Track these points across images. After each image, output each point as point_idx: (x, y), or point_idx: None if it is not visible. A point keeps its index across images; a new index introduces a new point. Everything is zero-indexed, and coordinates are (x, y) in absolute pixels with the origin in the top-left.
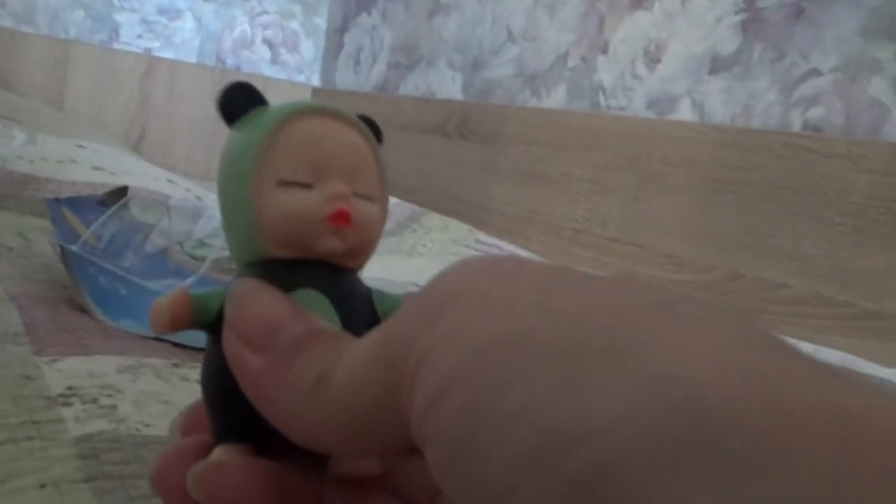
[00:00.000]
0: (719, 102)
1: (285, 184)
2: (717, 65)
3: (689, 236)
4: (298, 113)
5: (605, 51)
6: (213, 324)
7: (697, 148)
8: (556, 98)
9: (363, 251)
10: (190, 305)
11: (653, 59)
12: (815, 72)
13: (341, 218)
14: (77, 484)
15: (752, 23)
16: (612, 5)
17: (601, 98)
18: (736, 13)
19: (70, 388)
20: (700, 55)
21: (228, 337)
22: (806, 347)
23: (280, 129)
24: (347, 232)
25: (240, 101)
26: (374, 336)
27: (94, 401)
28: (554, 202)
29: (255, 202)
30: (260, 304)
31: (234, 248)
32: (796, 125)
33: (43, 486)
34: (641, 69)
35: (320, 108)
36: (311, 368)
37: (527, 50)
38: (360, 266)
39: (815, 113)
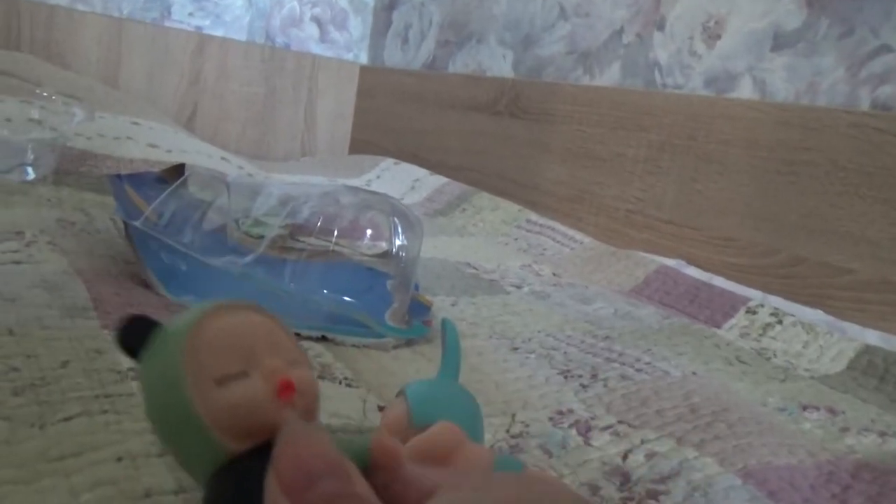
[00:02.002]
0: (782, 80)
1: (222, 380)
2: (779, 41)
3: (749, 219)
4: (202, 318)
5: (661, 27)
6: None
7: (758, 127)
8: (609, 76)
9: (312, 411)
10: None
11: (712, 36)
12: (886, 48)
13: (288, 389)
14: (151, 458)
15: None
16: None
17: (657, 76)
18: None
19: None
20: (762, 31)
21: (270, 479)
22: (872, 336)
23: (194, 336)
24: (296, 399)
25: (137, 334)
26: None
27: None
28: (607, 182)
29: (201, 411)
30: (304, 451)
31: (195, 462)
32: (864, 104)
33: (119, 459)
34: (699, 46)
35: (219, 305)
36: None
37: (579, 27)
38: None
39: (885, 91)
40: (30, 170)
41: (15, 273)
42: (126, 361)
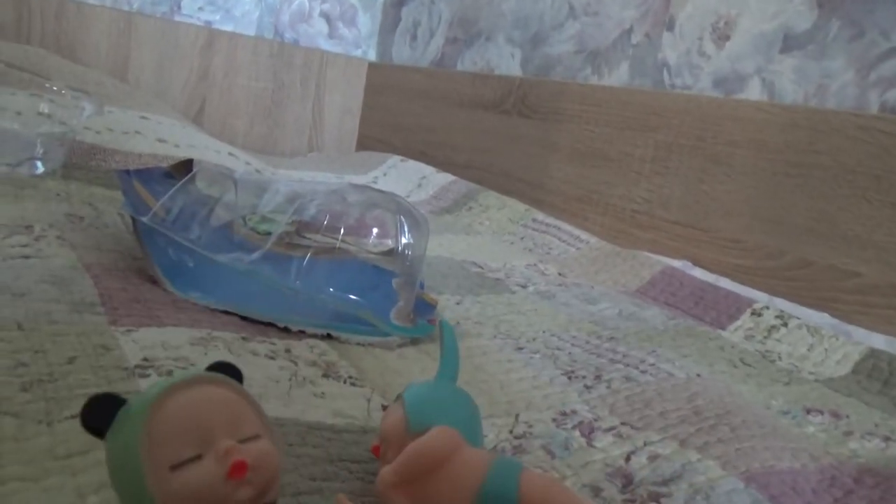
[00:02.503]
0: (791, 82)
1: (177, 466)
2: (789, 43)
3: (756, 221)
4: (160, 399)
5: (670, 27)
6: None
7: (766, 129)
8: (618, 76)
9: (272, 485)
10: None
11: (721, 37)
12: None
13: (239, 470)
14: None
15: None
16: None
17: (665, 76)
18: None
19: (146, 359)
20: (771, 32)
21: None
22: (878, 340)
23: (150, 421)
24: (251, 476)
25: (102, 413)
26: None
27: (170, 373)
28: (614, 182)
29: (157, 497)
30: None
31: None
32: (873, 107)
33: None
34: (709, 47)
35: (176, 384)
36: None
37: (588, 26)
38: (275, 497)
39: (894, 95)
40: (39, 164)
41: (24, 267)
42: (133, 359)
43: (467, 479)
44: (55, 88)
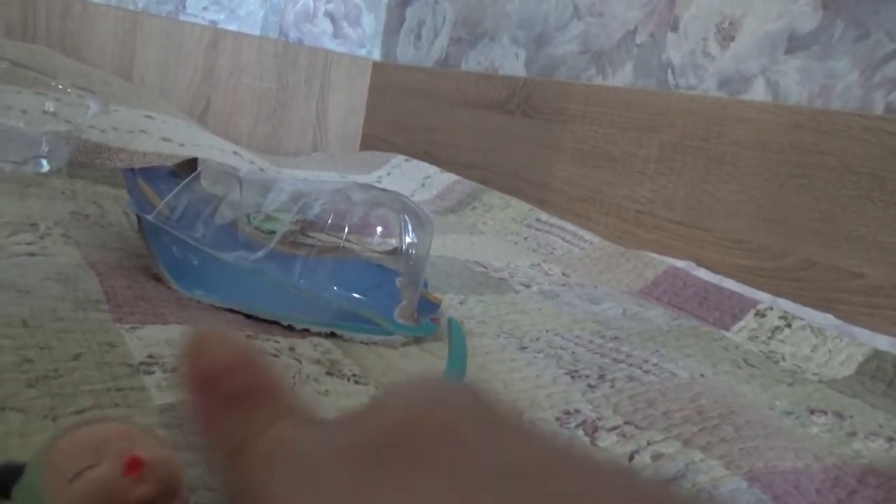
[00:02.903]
0: (795, 83)
1: (75, 476)
2: (794, 43)
3: (760, 221)
4: (56, 439)
5: (675, 28)
6: None
7: (771, 129)
8: (622, 76)
9: (171, 488)
10: None
11: (726, 37)
12: None
13: (135, 466)
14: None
15: (832, 0)
16: None
17: (670, 76)
18: None
19: (151, 356)
20: (776, 33)
21: (181, 380)
22: (882, 341)
23: (48, 454)
24: (149, 474)
25: (7, 478)
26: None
27: (175, 370)
28: (618, 182)
29: None
30: (211, 348)
31: None
32: (878, 108)
33: None
34: (713, 47)
35: (71, 426)
36: (228, 438)
37: (592, 26)
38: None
39: None
40: (44, 162)
41: (29, 265)
42: (138, 356)
43: None
44: (61, 87)
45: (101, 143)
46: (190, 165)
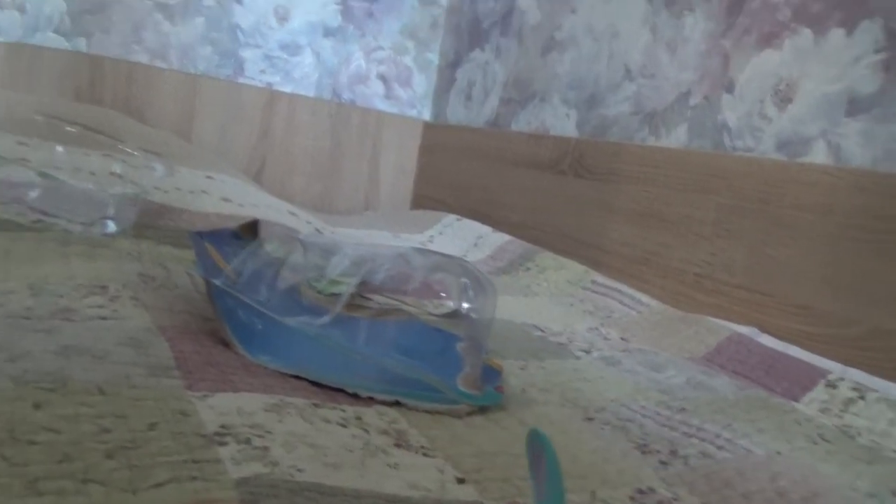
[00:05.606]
0: (858, 146)
1: None
2: (854, 106)
3: (825, 287)
4: None
5: (729, 89)
6: None
7: (834, 193)
8: (675, 137)
9: None
10: None
11: (783, 99)
12: None
13: None
14: None
15: (894, 62)
16: (738, 44)
17: (726, 138)
18: (876, 52)
19: (223, 426)
20: (836, 95)
21: None
22: None
23: None
24: None
25: None
26: None
27: (248, 441)
28: (674, 244)
29: None
30: None
31: None
32: None
33: None
34: (770, 109)
35: None
36: None
37: (645, 87)
38: None
39: None
40: (111, 223)
41: (102, 329)
42: (211, 426)
43: None
44: (128, 150)
45: (165, 204)
46: (251, 226)
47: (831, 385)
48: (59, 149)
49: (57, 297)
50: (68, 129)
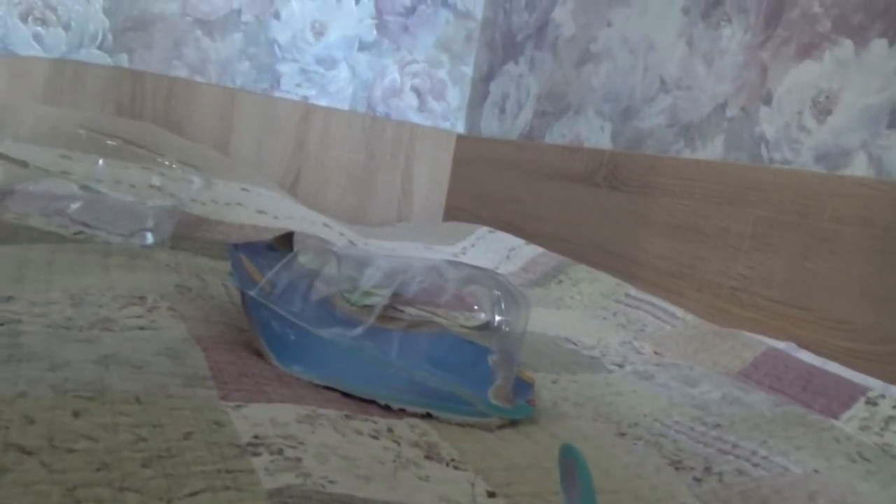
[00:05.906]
0: None
1: None
2: None
3: (866, 301)
4: None
5: (767, 101)
6: None
7: (876, 205)
8: (712, 149)
9: None
10: None
11: (822, 111)
12: None
13: None
14: None
15: None
16: (776, 55)
17: (763, 150)
18: None
19: (256, 436)
20: (877, 107)
21: None
22: None
23: None
24: None
25: None
26: None
27: (280, 452)
28: (710, 258)
29: None
30: None
31: None
32: None
33: None
34: (809, 121)
35: None
36: None
37: (681, 99)
38: None
39: None
40: (149, 235)
41: (140, 339)
42: (244, 436)
43: None
44: (167, 163)
45: (202, 216)
46: (286, 238)
47: (872, 402)
48: (101, 162)
49: (97, 307)
50: (109, 142)
